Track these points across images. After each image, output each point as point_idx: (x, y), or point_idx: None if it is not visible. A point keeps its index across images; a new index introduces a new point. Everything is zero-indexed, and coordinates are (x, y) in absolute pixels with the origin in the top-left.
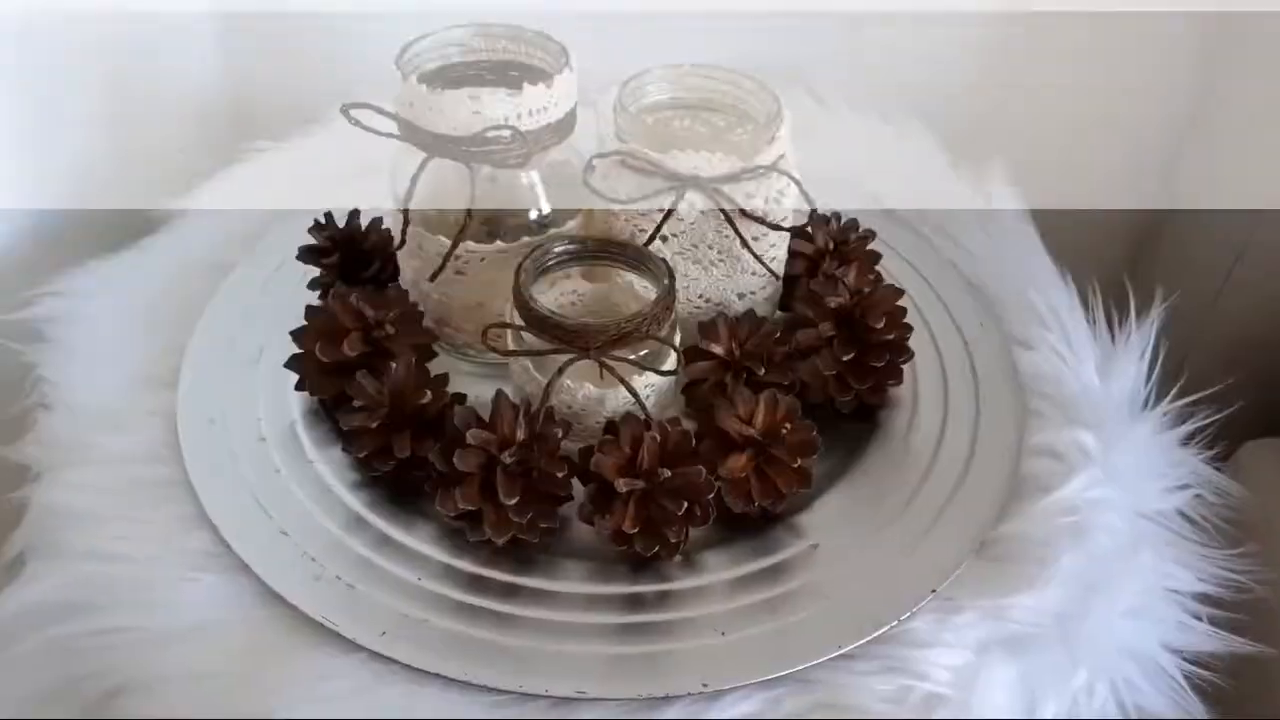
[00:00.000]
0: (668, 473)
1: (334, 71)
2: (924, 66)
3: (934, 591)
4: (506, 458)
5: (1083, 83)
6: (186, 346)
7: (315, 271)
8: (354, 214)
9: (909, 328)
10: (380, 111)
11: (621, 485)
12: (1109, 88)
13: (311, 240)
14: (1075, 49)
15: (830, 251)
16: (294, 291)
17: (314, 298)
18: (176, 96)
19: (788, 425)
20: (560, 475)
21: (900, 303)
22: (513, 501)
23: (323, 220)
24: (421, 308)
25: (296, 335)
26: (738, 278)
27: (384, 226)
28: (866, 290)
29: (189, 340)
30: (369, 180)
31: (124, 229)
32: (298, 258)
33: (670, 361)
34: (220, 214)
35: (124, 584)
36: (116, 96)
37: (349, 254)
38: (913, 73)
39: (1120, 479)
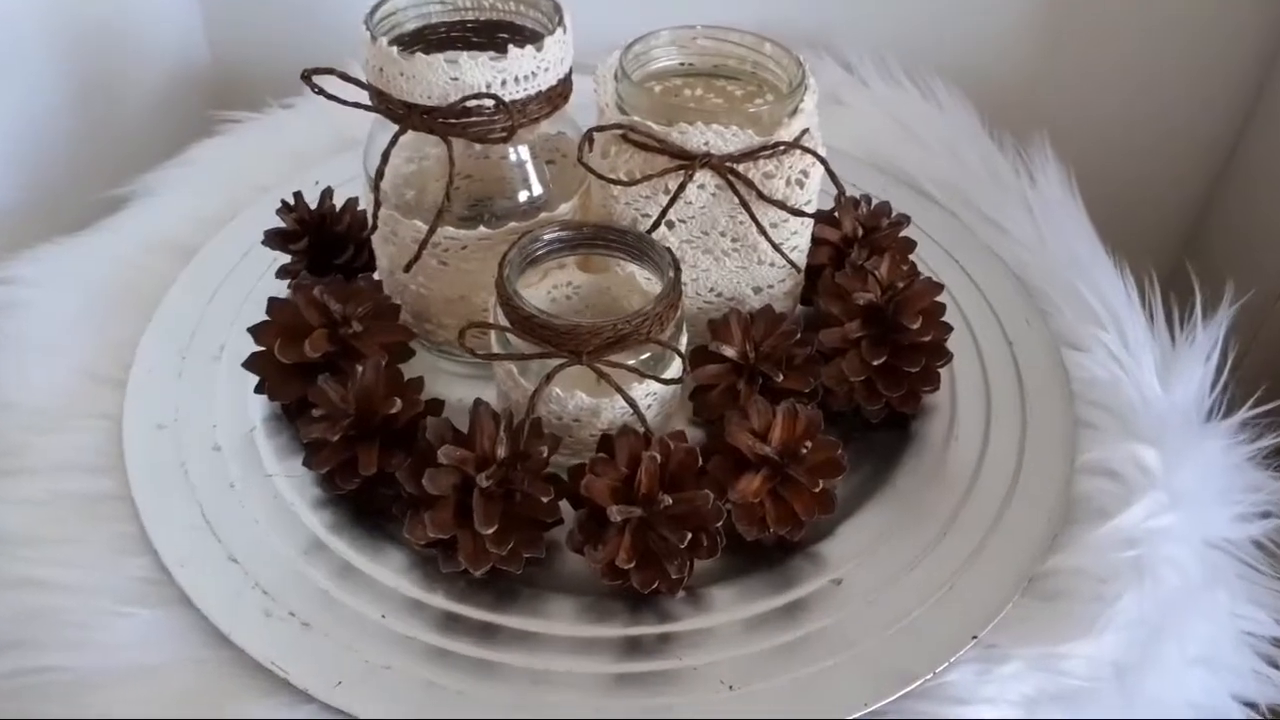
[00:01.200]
0: (669, 500)
1: (329, 36)
2: (964, 31)
3: (975, 638)
4: (484, 479)
5: (1140, 48)
6: (140, 341)
7: (287, 258)
8: (326, 193)
9: (948, 327)
10: (346, 78)
11: (615, 513)
12: (1168, 53)
13: (280, 223)
14: (1131, 10)
15: (859, 239)
16: (264, 280)
17: (284, 288)
18: (150, 61)
19: (809, 442)
20: (546, 500)
21: (938, 299)
22: (490, 530)
23: (291, 201)
24: (398, 301)
25: (255, 331)
26: (753, 269)
27: (360, 208)
28: (900, 284)
29: (143, 333)
30: (356, 157)
31: (82, 210)
32: (263, 242)
33: (674, 368)
34: (187, 193)
35: (50, 617)
36: (79, 58)
37: (320, 239)
38: (951, 38)
39: (1186, 503)
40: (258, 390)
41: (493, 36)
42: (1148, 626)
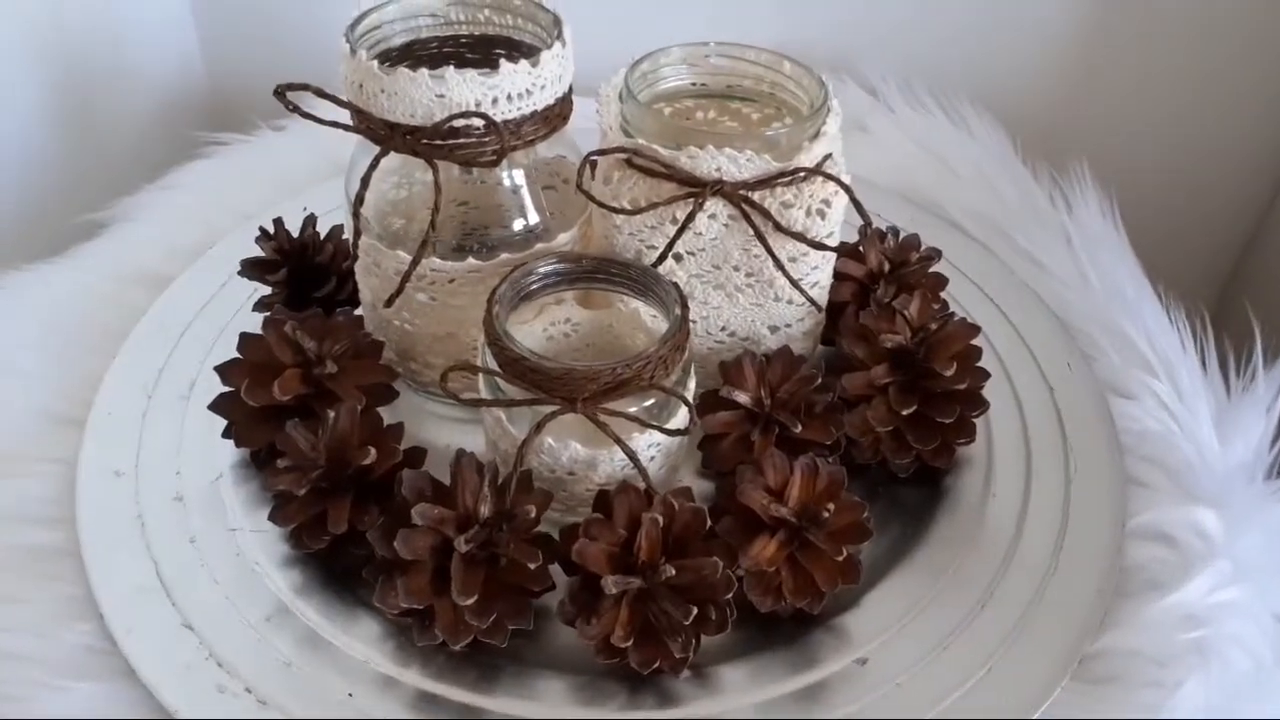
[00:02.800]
0: (672, 569)
1: (332, 59)
2: (994, 52)
3: None
4: (464, 543)
5: (1183, 67)
6: (104, 376)
7: (267, 290)
8: (309, 220)
9: (984, 373)
10: (324, 95)
11: (611, 585)
12: (1215, 71)
13: (258, 251)
14: (1173, 29)
15: (885, 275)
16: (240, 313)
17: (259, 324)
18: (145, 83)
19: (831, 504)
20: (534, 566)
21: (974, 341)
22: (469, 600)
23: (271, 229)
24: (381, 338)
25: (223, 371)
26: (769, 307)
27: (345, 237)
28: (933, 325)
29: (108, 369)
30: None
31: (60, 234)
32: (240, 273)
33: (680, 417)
34: (165, 220)
35: None
36: (70, 77)
37: (299, 269)
38: (981, 60)
39: (1253, 574)
40: (225, 434)
41: (488, 53)
42: (1213, 716)
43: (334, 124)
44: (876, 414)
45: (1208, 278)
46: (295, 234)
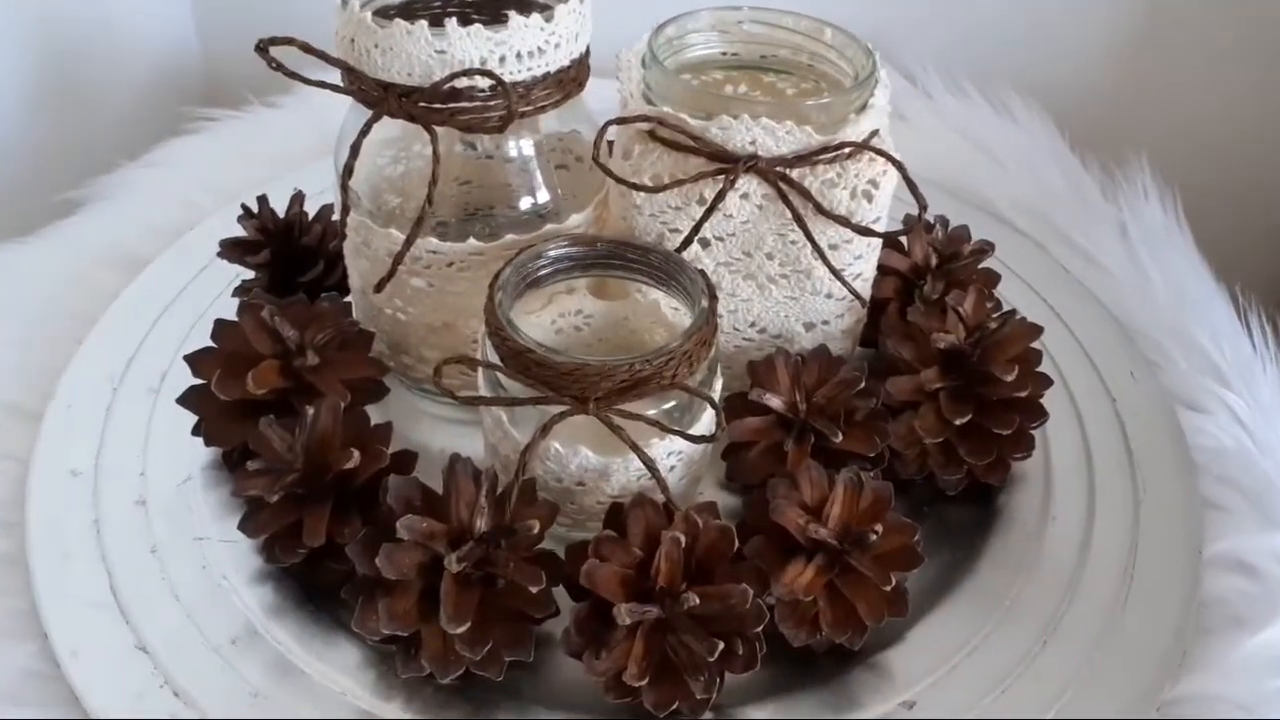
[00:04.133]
0: (695, 598)
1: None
2: (1039, 36)
3: None
4: (455, 561)
5: (1247, 46)
6: (67, 365)
7: (250, 274)
8: (296, 198)
9: (1046, 380)
10: (310, 50)
11: (625, 614)
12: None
13: (240, 232)
14: (1237, 4)
15: (932, 270)
16: (220, 300)
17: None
18: (135, 55)
19: (878, 525)
20: (536, 590)
21: (1035, 344)
22: (462, 627)
23: (253, 207)
24: (371, 328)
25: (193, 361)
26: (805, 300)
27: (335, 217)
28: (991, 325)
29: (71, 357)
30: None
31: (32, 216)
32: (219, 254)
33: (705, 422)
34: (145, 199)
35: None
36: (56, 52)
37: (284, 251)
38: (1025, 44)
39: None
40: (195, 432)
41: (496, 14)
42: None
43: (321, 84)
44: (925, 423)
45: (1275, 281)
46: (281, 213)
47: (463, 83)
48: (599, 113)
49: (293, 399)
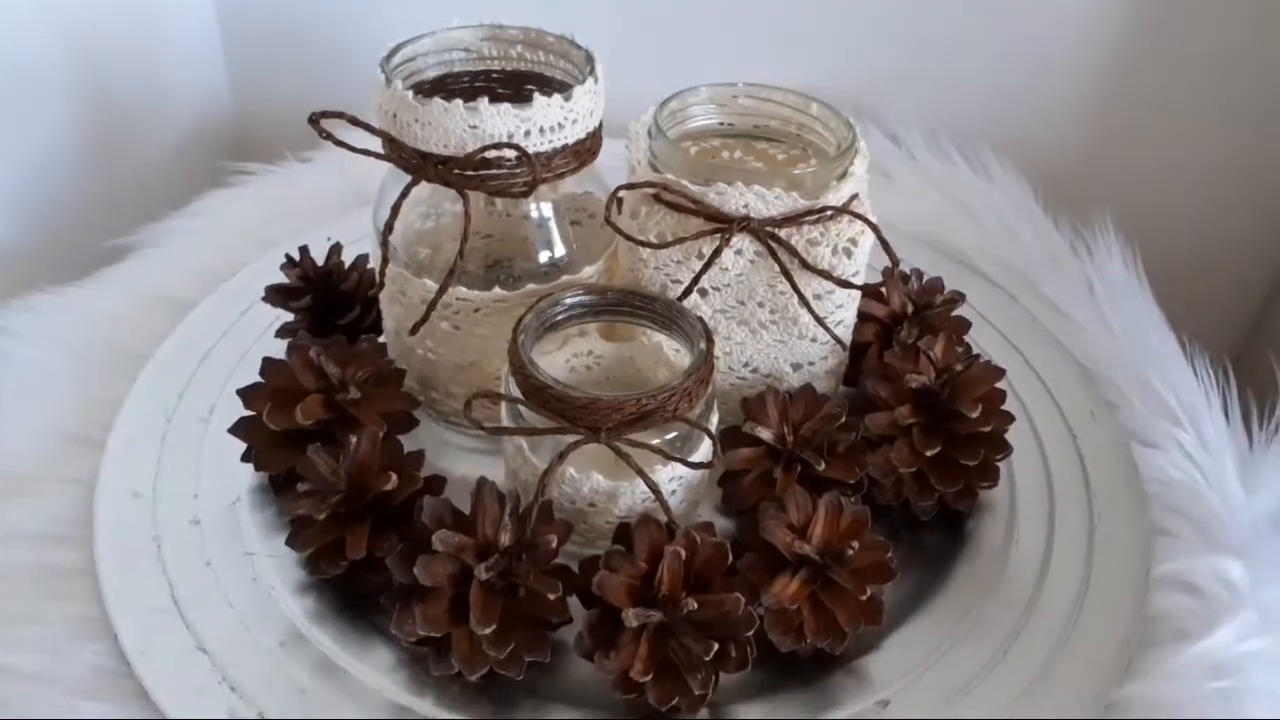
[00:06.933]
0: (694, 604)
1: (358, 92)
2: (1016, 103)
3: None
4: (484, 571)
5: (1205, 121)
6: (125, 399)
7: (289, 317)
8: (335, 249)
9: (1009, 417)
10: (357, 123)
11: (632, 618)
12: (1238, 125)
13: (282, 278)
14: (1196, 84)
15: (908, 317)
16: (262, 340)
17: (283, 349)
18: (173, 112)
19: (855, 542)
20: (553, 597)
21: (999, 385)
22: (488, 629)
23: (296, 256)
24: (404, 366)
25: (245, 394)
26: (793, 344)
27: (370, 266)
28: (958, 367)
29: (129, 391)
30: (370, 213)
31: (86, 259)
32: (264, 299)
33: (703, 450)
34: (190, 247)
35: None
36: (100, 105)
37: (324, 296)
38: (1003, 110)
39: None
40: (244, 458)
41: (519, 89)
42: None
43: (366, 152)
44: (899, 454)
45: (1230, 332)
46: (320, 262)
47: (492, 154)
48: (609, 169)
49: (335, 429)
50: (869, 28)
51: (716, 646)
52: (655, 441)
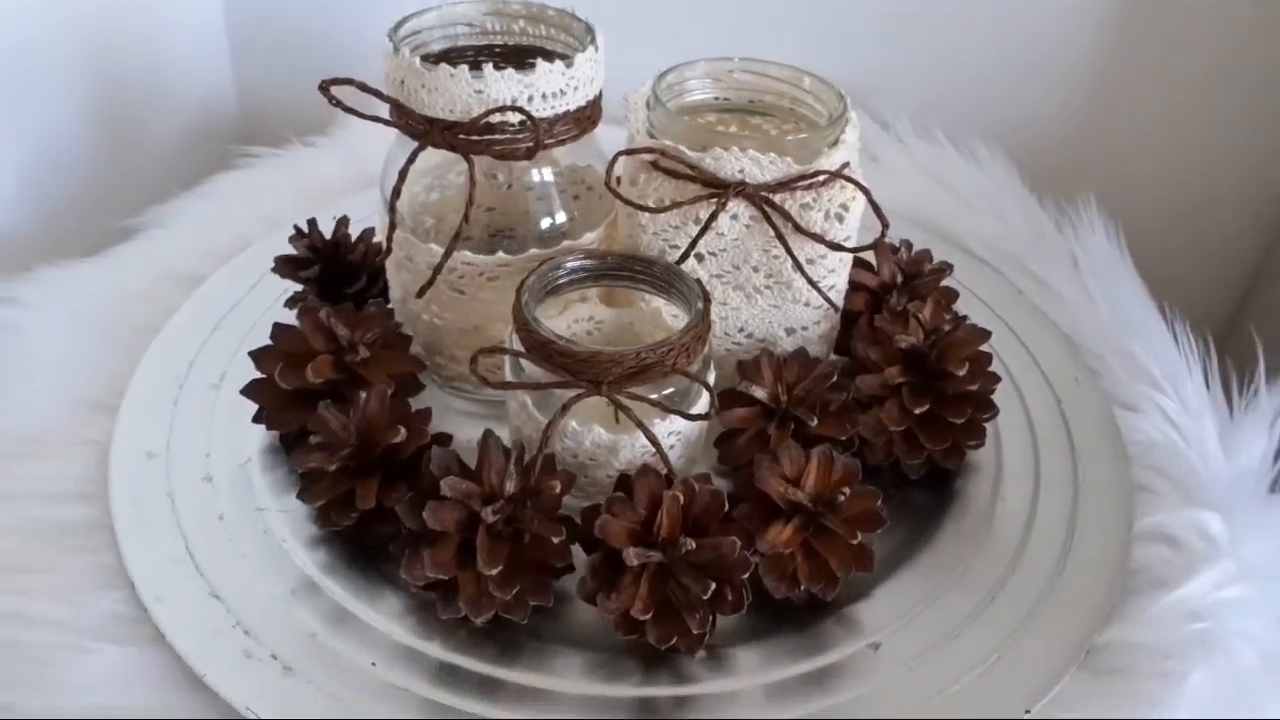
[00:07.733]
0: (691, 544)
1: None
2: (1003, 89)
3: (1027, 712)
4: (490, 514)
5: (1188, 109)
6: (137, 366)
7: (297, 288)
8: (341, 222)
9: (995, 377)
10: (366, 89)
11: (632, 556)
12: (1218, 112)
13: (291, 251)
14: (1179, 71)
15: (898, 286)
16: (270, 311)
17: (292, 318)
18: (176, 96)
19: (846, 490)
20: (557, 541)
21: (984, 348)
22: (495, 570)
23: (304, 228)
24: (409, 331)
25: (257, 356)
26: (787, 308)
27: (376, 239)
28: (946, 328)
29: (140, 359)
30: (376, 195)
31: (92, 238)
32: (273, 269)
33: (701, 403)
34: (199, 226)
35: (12, 652)
36: (106, 87)
37: (332, 267)
38: (990, 96)
39: (1258, 576)
40: (256, 419)
41: (521, 62)
42: (1220, 707)
43: (374, 118)
44: (889, 414)
45: (1213, 309)
46: (327, 235)
47: (496, 118)
48: (608, 149)
49: (344, 389)
50: (858, 15)
51: (714, 586)
52: (655, 395)
